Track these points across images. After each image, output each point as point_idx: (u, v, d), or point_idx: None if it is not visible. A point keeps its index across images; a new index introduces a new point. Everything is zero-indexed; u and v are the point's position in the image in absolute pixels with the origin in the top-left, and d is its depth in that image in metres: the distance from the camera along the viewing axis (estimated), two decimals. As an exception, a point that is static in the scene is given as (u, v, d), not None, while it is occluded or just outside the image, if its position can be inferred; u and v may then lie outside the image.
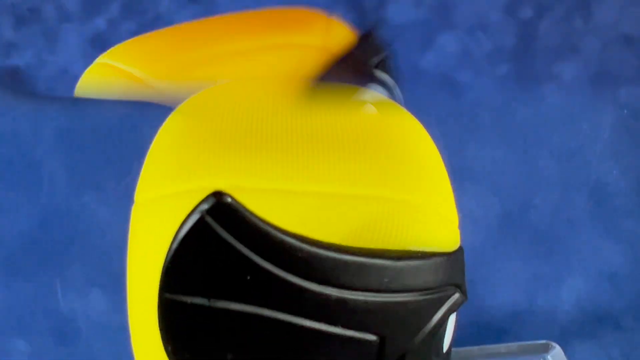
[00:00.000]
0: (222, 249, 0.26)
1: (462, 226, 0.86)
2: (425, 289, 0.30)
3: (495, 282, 0.78)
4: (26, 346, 0.74)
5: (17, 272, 0.72)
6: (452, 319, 0.33)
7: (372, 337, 0.28)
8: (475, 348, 0.64)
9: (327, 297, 0.27)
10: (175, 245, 0.27)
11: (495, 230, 0.82)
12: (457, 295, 0.31)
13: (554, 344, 0.63)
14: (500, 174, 0.75)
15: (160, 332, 0.27)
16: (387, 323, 0.29)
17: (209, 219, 0.27)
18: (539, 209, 0.77)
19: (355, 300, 0.28)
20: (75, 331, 0.74)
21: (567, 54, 0.73)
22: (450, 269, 0.31)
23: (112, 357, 0.72)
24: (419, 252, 0.30)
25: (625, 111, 0.76)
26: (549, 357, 0.62)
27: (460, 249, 0.33)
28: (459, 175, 0.79)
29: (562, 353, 0.62)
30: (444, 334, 0.32)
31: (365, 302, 0.28)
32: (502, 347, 0.63)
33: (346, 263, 0.28)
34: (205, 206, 0.27)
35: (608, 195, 0.76)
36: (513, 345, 0.63)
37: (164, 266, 0.27)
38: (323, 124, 0.28)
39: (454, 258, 0.31)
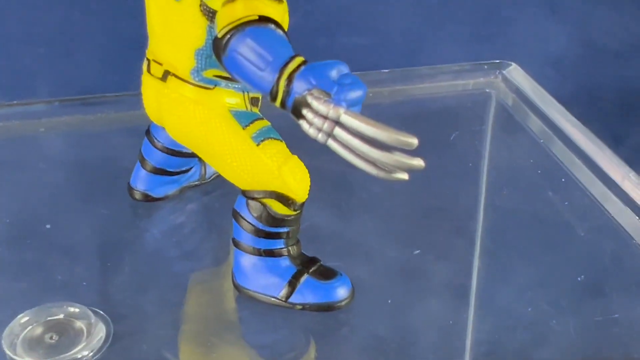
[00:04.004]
0: None
1: (401, 9, 0.79)
2: None
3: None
4: None
5: None
6: None
7: None
8: (425, 67, 0.57)
9: None
10: None
11: (435, 12, 0.76)
12: None
13: (510, 62, 0.58)
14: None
15: None
16: None
17: None
18: (481, -12, 0.71)
19: None
20: None
21: None
22: None
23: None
24: None
25: None
26: (505, 73, 0.56)
27: None
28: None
29: (520, 69, 0.56)
30: None
31: None
32: (454, 65, 0.57)
33: None
34: None
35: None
36: (466, 64, 0.57)
37: None
38: None
39: None
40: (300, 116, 0.31)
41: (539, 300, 0.37)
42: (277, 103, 0.31)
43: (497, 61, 0.58)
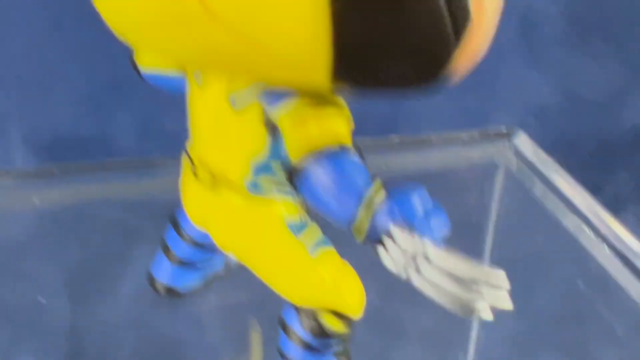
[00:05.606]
0: None
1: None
2: None
3: (419, 117, 0.71)
4: None
5: None
6: None
7: None
8: (433, 135, 0.56)
9: None
10: None
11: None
12: None
13: (518, 129, 0.57)
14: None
15: None
16: None
17: None
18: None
19: None
20: None
21: None
22: None
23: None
24: None
25: None
26: (514, 141, 0.56)
27: None
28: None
29: (529, 138, 0.56)
30: None
31: None
32: (463, 134, 0.56)
33: None
34: None
35: (538, 23, 0.71)
36: (475, 132, 0.56)
37: None
38: None
39: None
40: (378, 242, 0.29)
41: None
42: (360, 239, 0.28)
43: (504, 131, 0.57)
